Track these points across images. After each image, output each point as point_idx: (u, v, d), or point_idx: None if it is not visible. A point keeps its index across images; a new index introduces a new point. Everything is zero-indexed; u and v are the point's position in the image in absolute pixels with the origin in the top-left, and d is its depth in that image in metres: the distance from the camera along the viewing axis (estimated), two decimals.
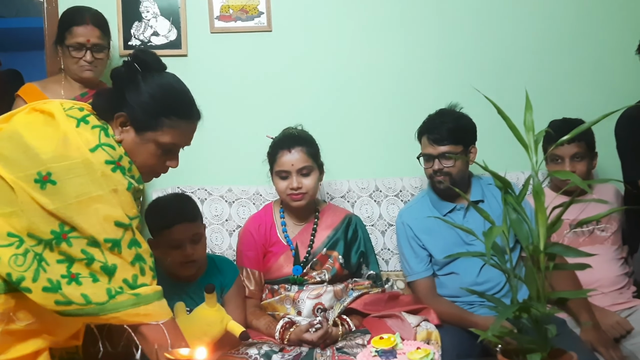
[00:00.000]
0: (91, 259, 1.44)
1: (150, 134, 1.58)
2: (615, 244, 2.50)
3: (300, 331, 2.06)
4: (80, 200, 1.44)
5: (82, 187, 1.45)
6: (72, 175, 1.44)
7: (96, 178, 1.46)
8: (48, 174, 1.43)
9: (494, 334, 1.46)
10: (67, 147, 1.46)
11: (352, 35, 2.82)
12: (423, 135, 2.39)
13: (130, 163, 1.57)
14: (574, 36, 2.92)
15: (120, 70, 1.62)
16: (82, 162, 1.45)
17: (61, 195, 1.43)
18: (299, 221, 2.38)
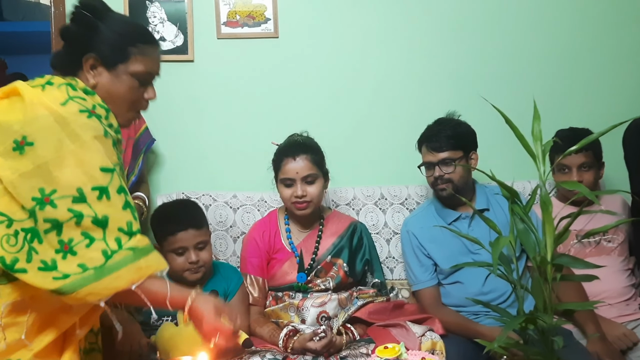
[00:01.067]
0: (80, 215, 1.39)
1: (122, 67, 1.58)
2: (622, 255, 2.49)
3: (304, 340, 2.05)
4: (59, 154, 1.40)
5: (60, 142, 1.41)
6: (47, 132, 1.41)
7: (72, 130, 1.42)
8: (24, 137, 1.40)
9: (500, 345, 1.45)
10: (36, 108, 1.42)
11: (358, 42, 2.82)
12: (422, 145, 2.41)
13: (107, 111, 1.54)
14: (582, 46, 2.90)
15: (71, 26, 1.60)
16: (54, 118, 1.42)
17: (40, 153, 1.39)
18: (303, 228, 2.37)
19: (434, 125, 2.41)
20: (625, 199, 2.56)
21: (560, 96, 2.88)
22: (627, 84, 2.92)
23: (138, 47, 1.60)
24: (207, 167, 2.75)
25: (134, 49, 1.59)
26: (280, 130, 2.43)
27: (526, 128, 1.56)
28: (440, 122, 2.41)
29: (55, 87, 1.49)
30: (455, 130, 2.36)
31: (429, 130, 2.41)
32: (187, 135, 2.74)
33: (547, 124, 1.67)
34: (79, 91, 1.52)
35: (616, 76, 2.92)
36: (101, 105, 1.54)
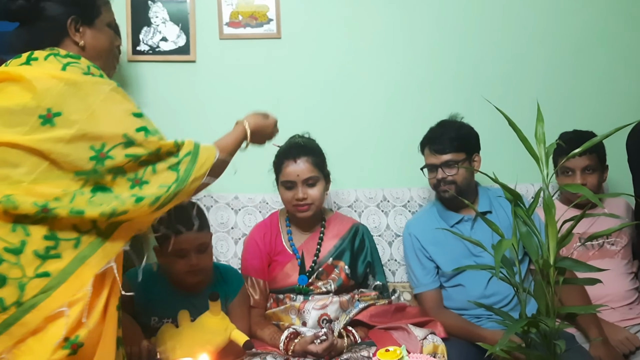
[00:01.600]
0: (136, 156, 1.49)
1: (98, 21, 1.68)
2: (625, 259, 2.48)
3: (305, 342, 2.04)
4: (89, 113, 1.46)
5: (84, 102, 1.46)
6: (66, 98, 1.45)
7: (87, 89, 1.48)
8: (48, 110, 1.44)
9: (502, 348, 1.44)
10: (41, 82, 1.45)
11: (361, 43, 2.81)
12: (425, 147, 2.41)
13: (98, 69, 1.58)
14: (586, 48, 2.89)
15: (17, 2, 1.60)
16: (65, 84, 1.46)
17: (73, 118, 1.44)
18: (305, 230, 2.37)
19: (436, 128, 2.41)
20: (629, 202, 2.55)
21: (564, 98, 2.87)
22: (631, 87, 2.91)
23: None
24: None
25: (99, 1, 1.70)
26: (282, 132, 2.39)
27: (529, 130, 1.55)
28: (442, 124, 2.41)
29: (42, 60, 1.53)
30: (458, 132, 2.35)
31: (431, 132, 2.41)
32: (188, 136, 2.70)
33: (550, 127, 1.67)
34: (66, 58, 1.55)
35: (620, 79, 2.91)
36: (93, 65, 1.58)
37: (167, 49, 2.68)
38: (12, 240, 1.41)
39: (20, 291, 1.39)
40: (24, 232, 1.41)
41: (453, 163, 2.31)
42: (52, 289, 1.41)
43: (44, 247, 1.42)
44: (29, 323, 1.39)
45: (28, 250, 1.41)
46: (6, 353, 1.38)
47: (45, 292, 1.41)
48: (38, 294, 1.40)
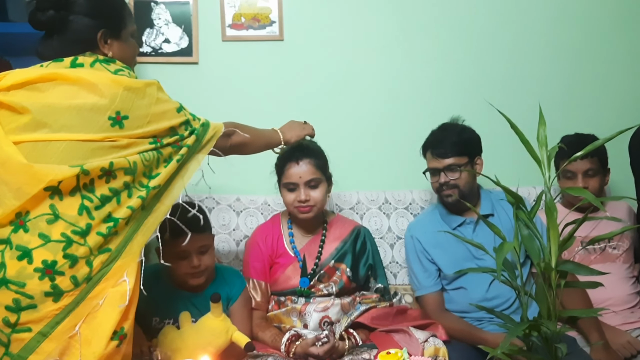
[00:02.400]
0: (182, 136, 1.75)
1: (124, 32, 1.77)
2: (627, 262, 2.47)
3: (307, 345, 2.04)
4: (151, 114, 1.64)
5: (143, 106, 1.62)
6: (130, 102, 1.60)
7: (142, 93, 1.63)
8: (117, 112, 1.58)
9: (504, 351, 1.44)
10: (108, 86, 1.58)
11: (363, 45, 2.81)
12: (427, 151, 2.40)
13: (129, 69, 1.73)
14: (588, 51, 2.90)
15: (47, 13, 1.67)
16: (124, 89, 1.60)
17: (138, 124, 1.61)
18: (307, 232, 2.37)
19: (438, 131, 2.40)
20: (631, 205, 2.55)
21: (565, 102, 2.87)
22: (633, 90, 2.91)
23: (125, 9, 1.79)
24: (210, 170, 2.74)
25: (125, 12, 1.78)
26: None
27: (531, 133, 1.55)
28: (444, 127, 2.40)
29: (88, 67, 1.63)
30: (460, 136, 2.35)
31: (433, 136, 2.40)
32: None
33: (552, 130, 1.67)
34: (111, 64, 1.67)
35: (622, 82, 2.91)
36: (127, 67, 1.71)
37: (169, 51, 2.69)
38: (79, 224, 1.52)
39: (89, 267, 1.53)
40: (89, 216, 1.54)
41: (455, 167, 2.31)
42: (113, 261, 1.58)
43: (106, 227, 1.56)
44: (98, 295, 1.54)
45: (93, 232, 1.54)
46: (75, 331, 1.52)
47: (108, 265, 1.57)
48: (103, 268, 1.56)
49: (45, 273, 1.48)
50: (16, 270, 1.47)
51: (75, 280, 1.51)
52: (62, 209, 1.51)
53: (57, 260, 1.49)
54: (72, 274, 1.50)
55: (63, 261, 1.49)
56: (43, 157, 1.52)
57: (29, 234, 1.49)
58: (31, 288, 1.47)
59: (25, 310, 1.48)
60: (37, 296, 1.48)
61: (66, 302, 1.50)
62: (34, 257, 1.48)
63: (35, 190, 1.49)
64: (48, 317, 1.49)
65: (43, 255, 1.48)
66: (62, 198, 1.52)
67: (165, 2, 2.69)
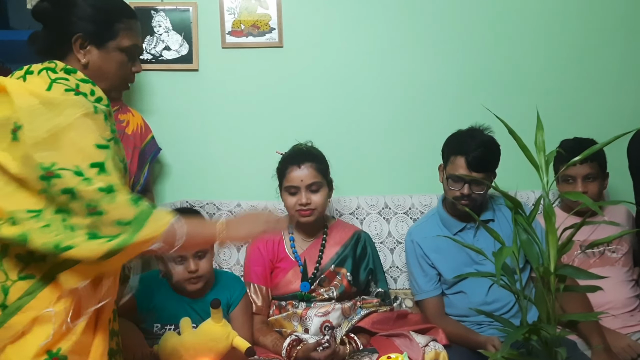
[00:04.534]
0: (88, 179, 1.39)
1: (111, 44, 1.62)
2: (626, 266, 2.48)
3: (308, 349, 2.04)
4: (51, 133, 1.40)
5: (49, 122, 1.40)
6: (35, 115, 1.40)
7: (61, 110, 1.43)
8: (15, 124, 1.40)
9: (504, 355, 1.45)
10: (22, 97, 1.42)
11: (362, 52, 2.82)
12: (457, 156, 2.28)
13: (93, 85, 1.56)
14: (586, 56, 2.90)
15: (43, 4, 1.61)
16: (40, 102, 1.42)
17: (30, 134, 1.38)
18: (307, 237, 2.37)
19: (470, 139, 2.27)
20: (630, 209, 2.55)
21: (564, 106, 2.88)
22: (631, 94, 2.92)
23: (124, 22, 1.64)
24: (211, 176, 2.75)
25: (121, 24, 1.63)
26: (285, 140, 2.43)
27: (530, 138, 1.56)
28: (475, 135, 2.29)
29: (36, 75, 1.51)
30: (493, 152, 2.28)
31: (465, 142, 2.28)
32: (191, 144, 2.75)
33: (551, 134, 1.68)
34: (60, 72, 1.53)
35: (620, 86, 2.91)
36: (84, 80, 1.55)
37: (170, 58, 2.70)
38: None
39: (4, 295, 1.39)
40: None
41: (482, 182, 2.23)
42: (37, 290, 1.41)
43: (26, 250, 1.40)
44: (15, 325, 1.39)
45: (11, 254, 1.42)
46: None
47: (30, 294, 1.41)
48: (23, 296, 1.40)
49: None
50: None
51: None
52: None
53: None
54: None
55: None
56: None
57: None
58: None
59: None
60: None
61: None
62: None
63: None
64: None
65: None
66: None
67: (165, 9, 2.70)
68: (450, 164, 2.32)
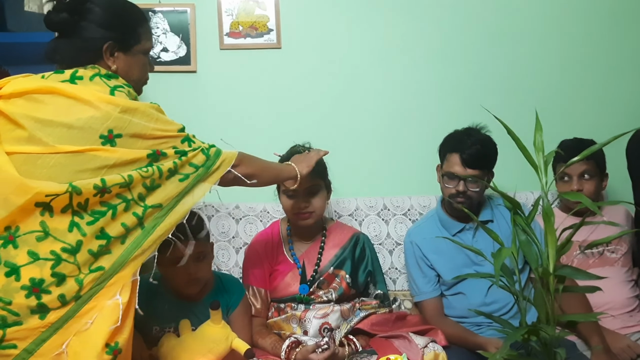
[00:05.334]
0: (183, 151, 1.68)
1: (137, 48, 1.74)
2: (625, 266, 2.48)
3: (307, 351, 2.04)
4: (149, 132, 1.61)
5: (140, 125, 1.59)
6: (126, 122, 1.57)
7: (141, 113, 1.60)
8: (110, 131, 1.55)
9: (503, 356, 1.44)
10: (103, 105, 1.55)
11: (361, 53, 2.82)
12: (452, 153, 2.31)
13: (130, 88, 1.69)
14: (584, 56, 2.91)
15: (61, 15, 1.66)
16: (121, 110, 1.57)
17: (134, 138, 1.58)
18: (306, 239, 2.37)
19: (465, 136, 2.31)
20: (629, 209, 2.55)
21: (562, 107, 2.88)
22: (630, 94, 2.92)
23: (144, 26, 1.77)
24: None
25: (142, 28, 1.75)
26: (283, 141, 2.43)
27: (528, 139, 1.56)
28: (471, 133, 2.32)
29: (88, 81, 1.61)
30: (489, 149, 2.30)
31: (460, 140, 2.32)
32: None
33: (549, 135, 1.67)
34: (112, 80, 1.64)
35: (619, 86, 2.92)
36: (128, 85, 1.68)
37: (168, 60, 2.70)
38: (69, 241, 1.50)
39: (79, 285, 1.50)
40: (79, 232, 1.51)
41: (478, 179, 2.26)
42: (106, 280, 1.53)
43: (97, 245, 1.52)
44: (87, 314, 1.51)
45: (84, 249, 1.51)
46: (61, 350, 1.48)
47: (100, 284, 1.53)
48: (94, 286, 1.52)
49: (32, 291, 1.46)
50: (3, 287, 1.45)
51: (63, 299, 1.48)
52: (52, 225, 1.49)
53: (45, 279, 1.46)
54: (60, 292, 1.48)
55: (51, 279, 1.47)
56: (33, 170, 1.50)
57: (18, 250, 1.47)
58: (17, 305, 1.45)
59: (11, 326, 1.45)
60: (23, 313, 1.46)
61: (53, 319, 1.47)
62: (21, 274, 1.46)
63: (21, 200, 1.46)
64: (34, 335, 1.46)
65: (31, 272, 1.46)
66: (52, 215, 1.49)
67: (163, 11, 2.70)
68: (445, 161, 2.35)
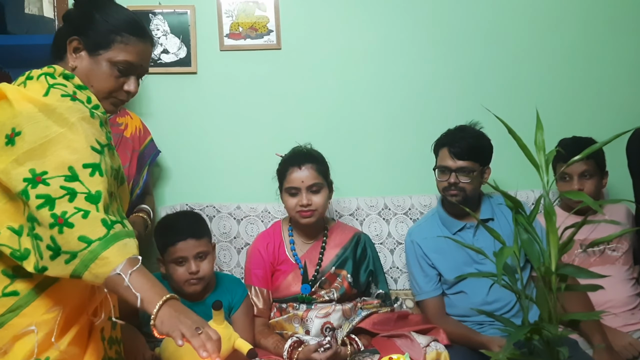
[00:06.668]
0: (73, 192, 1.34)
1: (103, 54, 1.57)
2: (626, 264, 2.48)
3: (309, 351, 2.04)
4: (48, 139, 1.38)
5: (47, 128, 1.39)
6: (33, 120, 1.39)
7: (58, 115, 1.42)
8: (12, 129, 1.39)
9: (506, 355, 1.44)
10: (20, 103, 1.41)
11: (361, 53, 2.82)
12: (442, 148, 2.37)
13: (87, 94, 1.54)
14: (585, 55, 2.91)
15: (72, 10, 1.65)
16: (38, 108, 1.41)
17: (28, 139, 1.37)
18: (307, 239, 2.37)
19: (457, 132, 2.38)
20: (630, 208, 2.55)
21: (563, 105, 2.87)
22: (630, 93, 2.91)
23: (123, 36, 1.58)
24: (211, 178, 2.75)
25: (119, 37, 1.58)
26: (284, 142, 2.43)
27: (529, 138, 1.56)
28: (464, 129, 2.39)
29: (35, 80, 1.50)
30: (479, 142, 2.35)
31: (451, 135, 2.38)
32: (190, 147, 2.75)
33: (550, 134, 1.67)
34: (59, 77, 1.53)
35: (620, 85, 2.91)
36: (81, 86, 1.55)
37: (168, 61, 2.70)
38: None
39: None
40: None
41: (468, 171, 2.30)
42: (20, 307, 1.40)
43: (12, 266, 1.40)
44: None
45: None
46: None
47: (13, 311, 1.39)
48: (5, 313, 1.39)
49: None
50: None
51: None
52: None
53: None
54: None
55: None
56: None
57: None
58: None
59: None
60: None
61: None
62: None
63: None
64: None
65: None
66: None
67: (163, 12, 2.70)
68: (438, 158, 2.39)
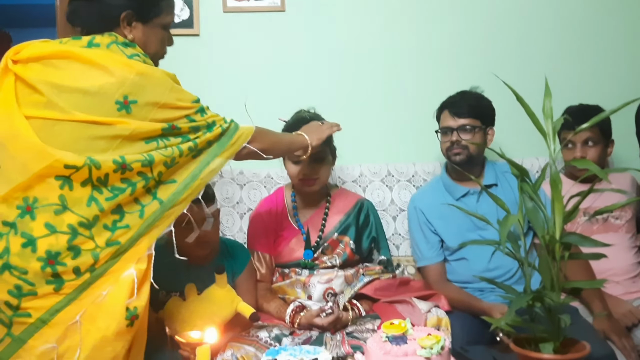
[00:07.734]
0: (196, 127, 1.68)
1: (156, 20, 1.72)
2: (629, 232, 2.47)
3: (311, 316, 2.06)
4: (163, 101, 1.59)
5: (155, 92, 1.58)
6: (141, 88, 1.56)
7: (156, 80, 1.60)
8: (125, 97, 1.54)
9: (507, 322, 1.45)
10: (118, 70, 1.55)
11: (366, 17, 2.79)
12: (443, 110, 2.42)
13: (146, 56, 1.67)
14: (593, 22, 2.86)
15: None
16: (136, 74, 1.56)
17: (149, 106, 1.57)
18: (310, 205, 2.37)
19: (457, 94, 2.44)
20: (634, 176, 2.54)
21: (571, 73, 2.84)
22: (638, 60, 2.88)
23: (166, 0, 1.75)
24: None
25: (164, 2, 1.73)
26: (287, 106, 2.41)
27: (537, 105, 1.54)
28: (464, 91, 2.44)
29: (104, 47, 1.60)
30: (478, 101, 2.40)
31: (451, 97, 2.44)
32: None
33: (557, 101, 1.65)
34: (128, 48, 1.63)
35: (628, 53, 2.88)
36: (145, 54, 1.67)
37: None
38: (86, 215, 1.51)
39: (94, 259, 1.52)
40: (97, 207, 1.52)
41: (470, 128, 2.34)
42: (121, 254, 1.55)
43: (112, 220, 1.54)
44: (101, 286, 1.53)
45: (99, 224, 1.53)
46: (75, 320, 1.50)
47: (115, 258, 1.55)
48: (109, 260, 1.54)
49: (47, 263, 1.48)
50: (20, 257, 1.48)
51: (78, 271, 1.50)
52: (70, 199, 1.50)
53: (61, 252, 1.49)
54: (75, 265, 1.50)
55: (67, 253, 1.49)
56: (50, 136, 1.51)
57: (35, 222, 1.49)
58: (33, 276, 1.48)
59: (26, 296, 1.48)
60: (38, 284, 1.48)
61: (67, 291, 1.50)
62: (38, 246, 1.48)
63: (39, 166, 1.48)
64: (48, 305, 1.49)
65: (47, 245, 1.48)
66: (72, 188, 1.50)
67: None
68: (440, 122, 2.43)
